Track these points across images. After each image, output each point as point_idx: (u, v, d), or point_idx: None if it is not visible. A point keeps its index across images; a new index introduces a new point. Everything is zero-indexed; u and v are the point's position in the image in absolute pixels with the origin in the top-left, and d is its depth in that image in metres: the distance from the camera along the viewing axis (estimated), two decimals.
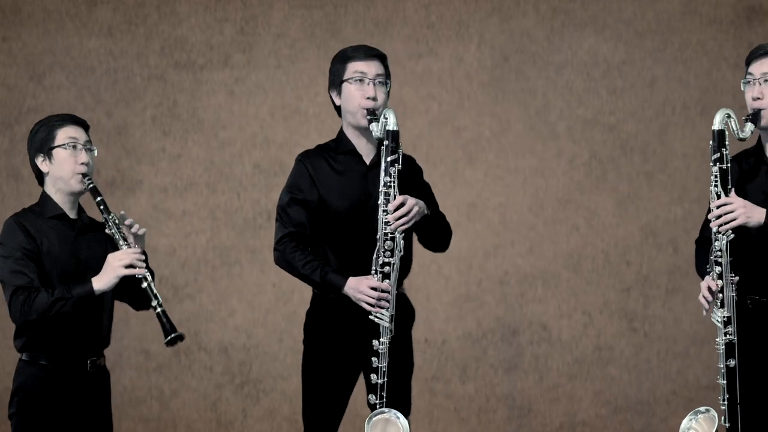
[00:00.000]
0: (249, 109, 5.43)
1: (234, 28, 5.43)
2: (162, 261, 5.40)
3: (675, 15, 5.35)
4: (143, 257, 3.39)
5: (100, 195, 3.43)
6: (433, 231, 3.71)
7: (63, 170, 3.44)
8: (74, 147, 3.44)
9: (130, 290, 3.46)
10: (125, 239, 3.41)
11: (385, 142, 3.51)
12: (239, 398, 5.42)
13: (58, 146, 3.44)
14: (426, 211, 3.59)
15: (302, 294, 5.45)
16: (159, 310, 3.37)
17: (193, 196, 5.43)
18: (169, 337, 3.36)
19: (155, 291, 3.37)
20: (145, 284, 3.37)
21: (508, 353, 5.39)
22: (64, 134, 3.45)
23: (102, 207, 3.42)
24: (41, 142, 3.45)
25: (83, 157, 3.45)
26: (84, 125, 3.54)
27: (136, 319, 5.41)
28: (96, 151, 3.52)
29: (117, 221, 3.42)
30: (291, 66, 5.42)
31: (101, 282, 3.34)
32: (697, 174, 5.21)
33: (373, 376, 3.48)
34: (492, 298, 5.39)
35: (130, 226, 3.44)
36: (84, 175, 3.44)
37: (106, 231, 3.42)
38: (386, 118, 3.51)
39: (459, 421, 5.39)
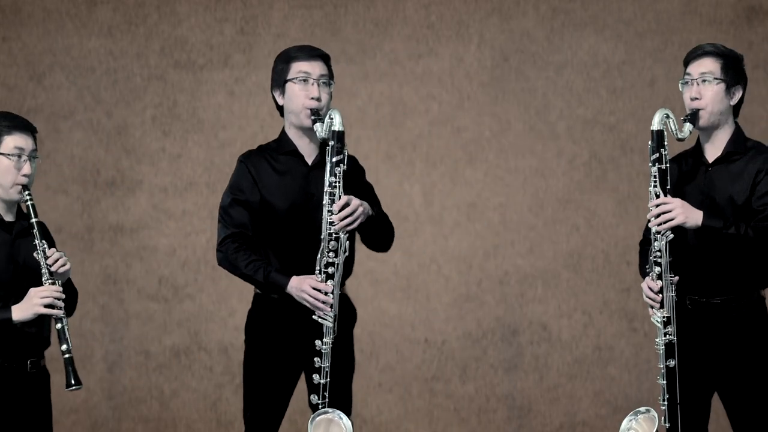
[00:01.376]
0: (249, 109, 5.43)
1: (234, 28, 5.43)
2: (162, 261, 5.41)
3: (675, 15, 5.35)
4: (63, 296, 3.36)
5: (36, 216, 3.39)
6: (377, 232, 3.71)
7: (4, 179, 3.38)
8: (19, 157, 3.38)
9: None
10: (50, 272, 3.37)
11: (331, 143, 3.51)
12: (239, 398, 5.39)
13: (3, 155, 3.37)
14: (370, 212, 3.59)
15: None
16: (67, 356, 3.37)
17: (193, 196, 5.43)
18: (71, 388, 3.38)
19: (68, 336, 3.37)
20: (59, 326, 3.36)
21: (508, 353, 5.39)
22: (12, 142, 3.38)
23: (36, 230, 3.38)
24: None
25: (26, 168, 3.39)
26: (33, 131, 3.45)
27: (136, 319, 5.43)
28: (39, 159, 3.46)
29: (45, 250, 3.37)
30: None
31: (20, 313, 3.33)
32: None
33: (316, 376, 3.51)
34: (492, 298, 5.39)
35: (53, 262, 3.38)
36: (24, 187, 3.39)
37: (35, 255, 3.37)
38: (332, 119, 3.52)
39: (459, 421, 5.39)
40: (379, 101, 5.43)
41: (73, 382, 3.36)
